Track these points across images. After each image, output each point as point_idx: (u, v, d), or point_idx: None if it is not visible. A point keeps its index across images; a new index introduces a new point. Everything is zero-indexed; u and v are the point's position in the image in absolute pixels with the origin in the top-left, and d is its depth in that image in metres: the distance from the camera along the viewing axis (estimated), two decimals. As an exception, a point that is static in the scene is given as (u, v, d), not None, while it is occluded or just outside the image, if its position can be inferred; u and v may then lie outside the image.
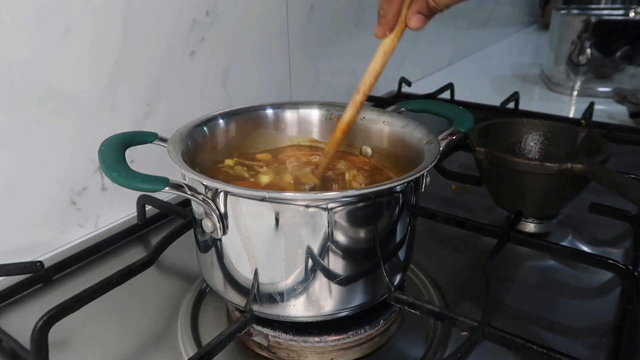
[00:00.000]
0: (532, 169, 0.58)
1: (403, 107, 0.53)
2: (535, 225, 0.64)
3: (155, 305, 0.51)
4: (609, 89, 1.19)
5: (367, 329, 0.44)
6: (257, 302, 0.42)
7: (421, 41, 1.33)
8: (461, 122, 0.48)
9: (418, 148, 0.46)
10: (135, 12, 0.63)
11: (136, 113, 0.67)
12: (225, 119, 0.51)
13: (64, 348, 0.46)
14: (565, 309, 0.51)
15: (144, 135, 0.46)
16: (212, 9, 0.74)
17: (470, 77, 1.43)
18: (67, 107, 0.59)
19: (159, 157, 0.67)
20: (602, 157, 0.57)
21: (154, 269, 0.55)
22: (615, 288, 0.54)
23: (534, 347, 0.40)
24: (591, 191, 0.62)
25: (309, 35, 0.96)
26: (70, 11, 0.57)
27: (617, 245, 0.62)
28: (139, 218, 0.64)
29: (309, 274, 0.39)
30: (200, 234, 0.43)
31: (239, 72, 0.81)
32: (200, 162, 0.47)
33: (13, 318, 0.50)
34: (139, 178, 0.36)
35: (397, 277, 0.45)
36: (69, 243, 0.62)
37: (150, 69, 0.67)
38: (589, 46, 1.19)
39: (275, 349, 0.44)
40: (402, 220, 0.42)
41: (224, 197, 0.38)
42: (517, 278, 0.56)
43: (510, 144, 0.70)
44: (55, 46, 0.56)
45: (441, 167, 0.72)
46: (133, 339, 0.47)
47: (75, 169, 0.62)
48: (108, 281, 0.47)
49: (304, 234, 0.38)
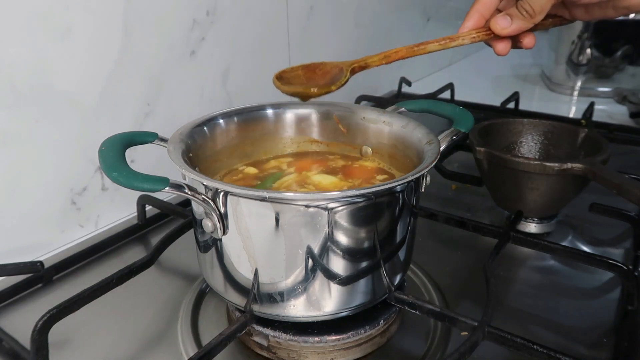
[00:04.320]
0: (532, 169, 0.58)
1: (403, 107, 0.53)
2: (535, 225, 0.64)
3: (155, 305, 0.51)
4: (609, 89, 1.19)
5: (367, 329, 0.44)
6: (257, 302, 0.42)
7: (421, 41, 1.33)
8: (461, 122, 0.48)
9: (418, 148, 0.46)
10: (135, 12, 0.63)
11: (136, 113, 0.67)
12: (225, 119, 0.51)
13: (64, 348, 0.46)
14: (565, 309, 0.51)
15: (144, 135, 0.46)
16: (212, 9, 0.74)
17: (470, 77, 1.43)
18: (67, 107, 0.59)
19: (159, 157, 0.67)
20: (602, 157, 0.57)
21: (154, 269, 0.55)
22: (615, 288, 0.54)
23: (534, 347, 0.40)
24: (591, 191, 0.62)
25: (309, 35, 0.96)
26: (70, 11, 0.57)
27: (617, 245, 0.62)
28: (139, 218, 0.64)
29: (309, 274, 0.39)
30: (201, 234, 0.43)
31: (239, 72, 0.81)
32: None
33: (13, 318, 0.50)
34: (139, 178, 0.36)
35: (397, 277, 0.45)
36: (69, 243, 0.62)
37: (150, 69, 0.67)
38: (589, 46, 1.19)
39: (276, 349, 0.44)
40: (402, 220, 0.42)
41: (224, 197, 0.38)
42: (517, 278, 0.56)
43: (510, 144, 0.70)
44: (55, 46, 0.56)
45: (441, 167, 0.72)
46: (133, 339, 0.47)
47: (76, 169, 0.62)
48: (108, 281, 0.47)
49: (304, 234, 0.38)
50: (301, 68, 0.45)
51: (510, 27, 0.44)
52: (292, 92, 0.43)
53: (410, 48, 0.44)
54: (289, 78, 0.45)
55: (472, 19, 0.45)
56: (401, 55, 0.44)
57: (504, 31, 0.44)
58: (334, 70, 0.45)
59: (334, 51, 1.05)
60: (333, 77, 0.44)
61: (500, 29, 0.44)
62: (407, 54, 0.44)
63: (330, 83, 0.43)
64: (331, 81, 0.43)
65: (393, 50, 0.44)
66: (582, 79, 1.23)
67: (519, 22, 0.43)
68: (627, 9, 0.44)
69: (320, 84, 0.44)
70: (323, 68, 0.45)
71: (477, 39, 0.45)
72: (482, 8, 0.45)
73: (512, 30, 0.44)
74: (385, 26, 1.23)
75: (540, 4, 0.42)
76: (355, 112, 0.54)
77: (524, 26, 0.44)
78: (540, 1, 0.42)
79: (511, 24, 0.44)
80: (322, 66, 0.45)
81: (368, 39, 1.15)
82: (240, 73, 0.81)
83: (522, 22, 0.43)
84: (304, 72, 0.45)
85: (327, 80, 0.44)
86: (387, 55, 0.44)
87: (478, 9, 0.45)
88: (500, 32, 0.44)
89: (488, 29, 0.45)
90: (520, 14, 0.43)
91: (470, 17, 0.45)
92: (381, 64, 0.44)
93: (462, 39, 0.45)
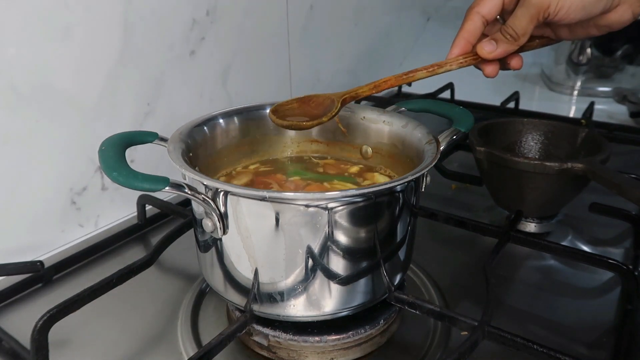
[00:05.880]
0: (532, 169, 0.58)
1: (403, 106, 0.53)
2: (535, 225, 0.64)
3: (155, 305, 0.51)
4: (609, 89, 1.19)
5: (367, 328, 0.44)
6: (257, 302, 0.42)
7: (421, 41, 1.33)
8: (461, 122, 0.48)
9: (418, 148, 0.46)
10: (135, 12, 0.63)
11: (136, 113, 0.67)
12: (225, 119, 0.51)
13: (64, 348, 0.46)
14: (565, 309, 0.51)
15: (144, 135, 0.46)
16: (212, 8, 0.74)
17: (470, 76, 1.43)
18: (67, 107, 0.59)
19: (159, 157, 0.67)
20: (602, 157, 0.57)
21: (154, 269, 0.55)
22: (615, 288, 0.54)
23: (534, 347, 0.40)
24: (591, 191, 0.62)
25: (309, 35, 0.96)
26: (70, 11, 0.57)
27: (617, 245, 0.62)
28: (139, 218, 0.64)
29: (309, 274, 0.39)
30: (201, 233, 0.43)
31: (239, 72, 0.81)
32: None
33: (13, 318, 0.50)
34: (139, 178, 0.36)
35: (397, 277, 0.45)
36: (69, 243, 0.62)
37: (150, 69, 0.67)
38: (589, 46, 1.19)
39: (276, 349, 0.44)
40: (402, 220, 0.42)
41: (224, 196, 0.38)
42: (517, 278, 0.56)
43: (510, 144, 0.70)
44: (55, 46, 0.56)
45: (441, 167, 0.72)
46: (133, 338, 0.47)
47: (75, 168, 0.62)
48: (108, 281, 0.47)
49: (304, 234, 0.38)
50: (296, 101, 0.47)
51: (496, 51, 0.45)
52: (287, 125, 0.46)
53: (399, 77, 0.46)
54: (284, 111, 0.47)
55: (458, 45, 0.46)
56: (390, 84, 0.46)
57: (490, 55, 0.45)
58: (326, 101, 0.47)
59: (334, 51, 1.05)
60: (325, 108, 0.46)
61: (486, 53, 0.45)
62: (395, 83, 0.46)
63: (322, 114, 0.45)
64: (323, 112, 0.46)
65: (382, 79, 0.46)
66: (582, 79, 1.23)
67: (504, 45, 0.44)
68: (608, 27, 0.45)
69: (313, 115, 0.46)
70: (316, 100, 0.47)
71: (464, 64, 0.46)
72: (468, 35, 0.46)
73: (498, 54, 0.45)
74: (385, 26, 1.23)
75: (522, 27, 0.43)
76: (355, 112, 0.54)
77: (509, 49, 0.45)
78: (522, 24, 0.43)
79: (497, 48, 0.45)
80: (315, 98, 0.47)
81: (368, 39, 1.15)
82: (240, 73, 0.81)
83: (507, 45, 0.44)
84: (298, 105, 0.47)
85: (319, 112, 0.46)
86: (376, 85, 0.46)
87: (464, 36, 0.46)
88: (487, 56, 0.45)
89: (475, 54, 0.46)
90: (505, 38, 0.44)
91: (456, 44, 0.46)
92: (371, 93, 0.46)
93: (449, 64, 0.46)
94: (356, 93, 0.46)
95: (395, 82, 0.46)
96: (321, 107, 0.46)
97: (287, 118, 0.46)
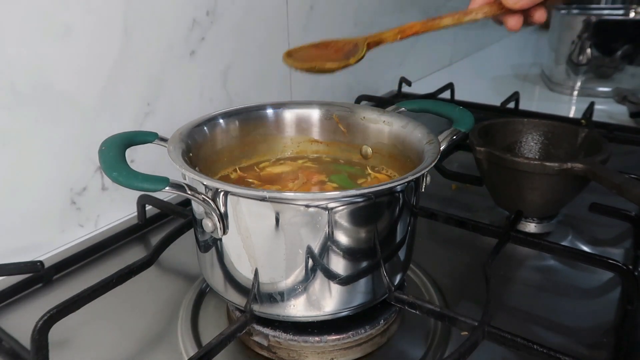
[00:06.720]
0: (532, 169, 0.58)
1: (403, 107, 0.53)
2: (535, 225, 0.64)
3: (155, 305, 0.51)
4: (609, 89, 1.19)
5: (367, 328, 0.44)
6: (257, 302, 0.42)
7: (421, 41, 1.33)
8: (461, 122, 0.48)
9: (418, 148, 0.46)
10: (135, 12, 0.63)
11: (136, 113, 0.67)
12: (225, 119, 0.51)
13: (64, 348, 0.46)
14: (565, 309, 0.51)
15: (144, 135, 0.46)
16: (212, 9, 0.74)
17: (470, 77, 1.43)
18: (67, 107, 0.59)
19: (159, 157, 0.67)
20: (602, 157, 0.57)
21: (154, 269, 0.55)
22: (615, 288, 0.54)
23: (534, 347, 0.40)
24: (591, 191, 0.62)
25: (309, 35, 0.96)
26: (70, 11, 0.57)
27: (617, 245, 0.62)
28: (139, 218, 0.64)
29: (309, 274, 0.39)
30: (201, 233, 0.43)
31: (239, 72, 0.81)
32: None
33: (13, 318, 0.50)
34: (139, 178, 0.36)
35: (397, 277, 0.45)
36: (69, 243, 0.62)
37: (150, 69, 0.67)
38: (589, 46, 1.19)
39: (276, 349, 0.44)
40: (402, 220, 0.42)
41: (224, 196, 0.38)
42: (517, 278, 0.56)
43: (510, 144, 0.70)
44: (55, 46, 0.56)
45: (441, 167, 0.72)
46: (133, 339, 0.47)
47: (75, 168, 0.62)
48: (108, 281, 0.47)
49: (304, 234, 0.38)
50: (312, 46, 0.44)
51: (522, 1, 0.43)
52: (307, 67, 0.42)
53: (425, 23, 0.43)
54: (300, 55, 0.43)
55: None
56: (415, 30, 0.43)
57: (516, 5, 0.43)
58: (347, 46, 0.43)
59: (334, 51, 1.05)
60: (347, 53, 0.43)
61: (512, 2, 0.43)
62: (421, 29, 0.43)
63: (347, 57, 0.42)
64: (345, 57, 0.42)
65: (407, 25, 0.43)
66: (582, 79, 1.23)
67: None
68: None
69: (334, 60, 0.43)
70: (335, 45, 0.44)
71: (489, 14, 0.44)
72: None
73: (524, 3, 0.43)
74: (385, 26, 1.22)
75: None
76: (355, 112, 0.54)
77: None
78: None
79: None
80: (334, 43, 0.44)
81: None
82: (240, 73, 0.81)
83: None
84: (315, 50, 0.44)
85: (340, 57, 0.43)
86: (401, 30, 0.43)
87: None
88: (513, 6, 0.43)
89: (500, 4, 0.44)
90: None
91: None
92: (395, 39, 0.43)
93: (475, 13, 0.44)
94: (380, 38, 0.43)
95: (421, 28, 0.43)
96: (341, 52, 0.43)
97: (306, 62, 0.43)
